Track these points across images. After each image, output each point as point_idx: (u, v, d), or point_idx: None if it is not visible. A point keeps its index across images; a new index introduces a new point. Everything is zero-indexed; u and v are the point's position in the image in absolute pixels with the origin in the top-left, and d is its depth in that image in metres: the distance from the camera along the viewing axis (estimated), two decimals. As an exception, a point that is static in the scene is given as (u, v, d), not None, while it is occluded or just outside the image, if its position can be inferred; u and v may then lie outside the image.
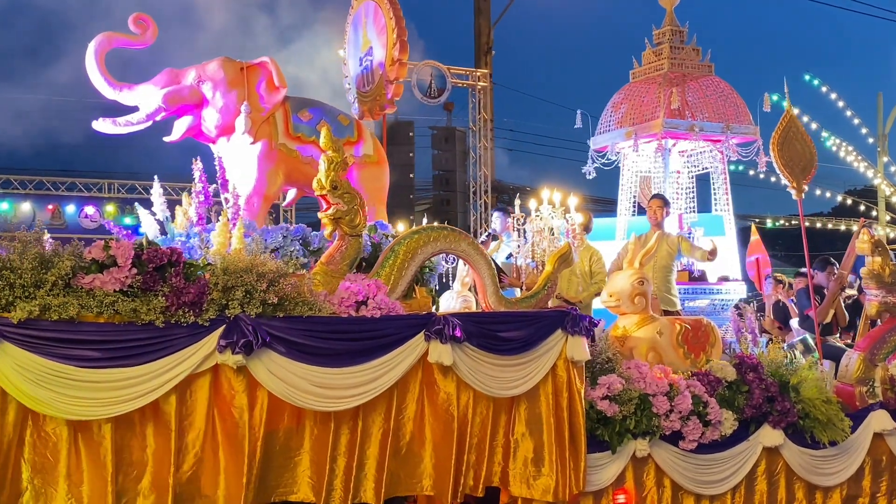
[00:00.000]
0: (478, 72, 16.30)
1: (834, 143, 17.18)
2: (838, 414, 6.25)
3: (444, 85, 15.33)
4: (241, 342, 4.20)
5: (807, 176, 7.84)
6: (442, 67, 15.38)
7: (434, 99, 15.42)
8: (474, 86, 15.79)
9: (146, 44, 6.20)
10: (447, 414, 4.90)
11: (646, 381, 5.59)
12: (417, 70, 15.17)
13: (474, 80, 15.99)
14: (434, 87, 15.35)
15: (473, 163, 16.47)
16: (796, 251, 10.98)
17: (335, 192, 4.92)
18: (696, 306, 8.93)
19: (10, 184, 16.31)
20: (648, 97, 8.63)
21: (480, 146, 16.29)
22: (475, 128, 15.72)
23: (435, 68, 15.32)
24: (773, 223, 24.73)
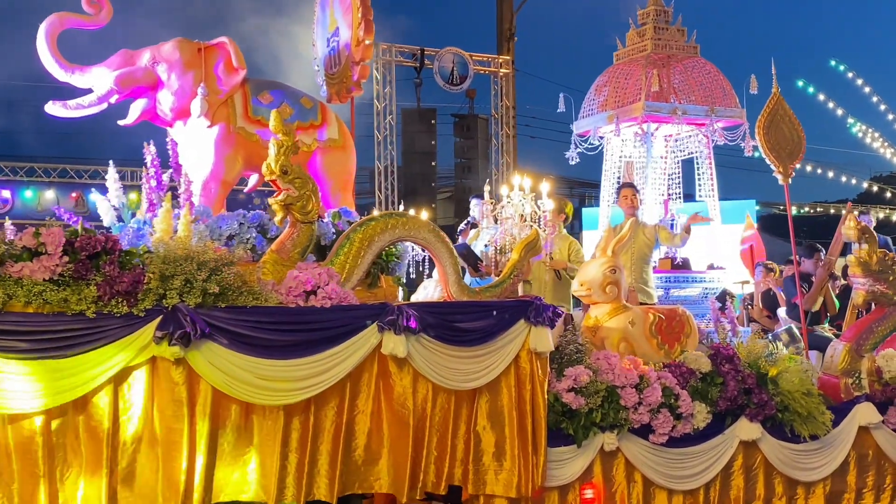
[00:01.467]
0: (500, 58, 16.26)
1: (860, 129, 16.99)
2: (819, 407, 6.12)
3: (466, 72, 15.30)
4: (178, 333, 4.08)
5: (794, 160, 7.70)
6: (464, 54, 15.34)
7: (456, 86, 15.40)
8: (496, 73, 15.66)
9: (100, 24, 6.05)
10: (403, 408, 4.78)
11: (614, 372, 5.47)
12: (440, 57, 15.11)
13: (496, 67, 15.95)
14: (456, 74, 15.45)
15: (496, 150, 16.37)
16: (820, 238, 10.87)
17: (285, 176, 4.80)
18: (684, 295, 8.78)
19: (34, 171, 16.32)
20: (631, 80, 8.46)
21: (503, 133, 16.18)
22: (497, 115, 15.60)
23: (457, 55, 15.30)
24: (798, 210, 24.59)
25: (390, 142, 15.51)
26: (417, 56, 15.32)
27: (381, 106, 15.13)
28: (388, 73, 15.16)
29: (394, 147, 15.71)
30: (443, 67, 15.36)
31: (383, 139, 15.23)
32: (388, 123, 15.31)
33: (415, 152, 16.54)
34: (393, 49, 15.25)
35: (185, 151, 6.29)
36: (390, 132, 15.43)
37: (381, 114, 15.19)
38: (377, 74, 14.98)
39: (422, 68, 15.60)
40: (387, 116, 15.20)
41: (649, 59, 8.58)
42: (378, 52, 15.02)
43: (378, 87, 15.03)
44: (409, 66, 15.59)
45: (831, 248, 7.73)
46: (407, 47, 15.51)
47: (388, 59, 15.10)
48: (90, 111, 6.09)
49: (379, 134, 15.19)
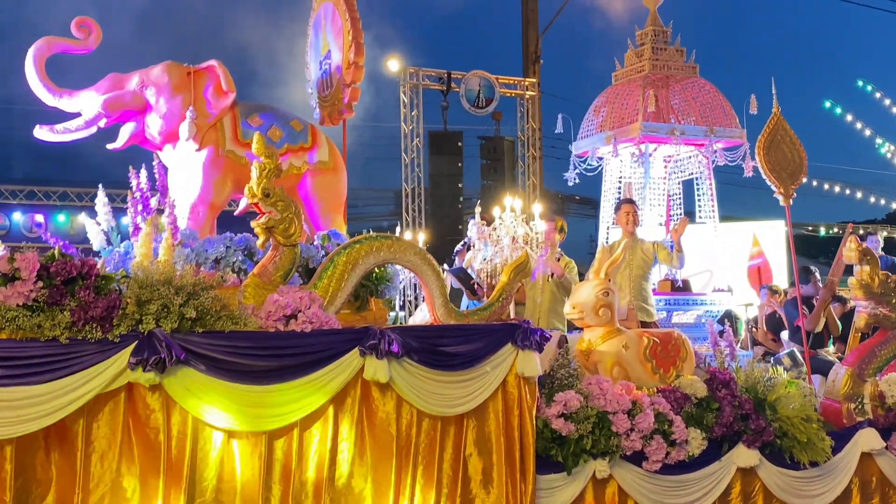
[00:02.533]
0: (526, 81, 16.40)
1: (889, 149, 16.89)
2: (819, 433, 6.02)
3: (492, 95, 15.42)
4: (153, 359, 4.05)
5: (795, 181, 7.63)
6: (490, 77, 15.48)
7: (482, 109, 15.53)
8: (522, 95, 15.78)
9: (89, 49, 6.08)
10: (387, 434, 4.72)
11: (606, 397, 5.40)
12: (466, 80, 15.25)
13: (522, 90, 16.09)
14: (482, 97, 15.57)
15: (522, 172, 16.44)
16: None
17: (267, 199, 4.77)
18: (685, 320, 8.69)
19: (66, 196, 16.44)
20: (629, 100, 8.42)
21: (529, 155, 16.25)
22: (523, 137, 15.68)
23: (483, 78, 15.44)
24: (827, 231, 24.41)
25: (417, 164, 15.69)
26: (444, 79, 15.50)
27: (408, 129, 15.29)
28: (415, 97, 15.33)
29: (421, 169, 15.93)
30: (469, 90, 15.51)
31: (410, 161, 15.36)
32: (415, 146, 15.43)
33: (441, 174, 16.65)
34: (420, 73, 15.43)
35: (174, 175, 6.30)
36: (417, 155, 15.56)
37: (408, 136, 15.35)
38: (404, 98, 15.19)
39: (448, 91, 15.81)
40: (414, 139, 15.35)
41: (647, 79, 8.54)
42: (405, 76, 15.25)
43: (405, 111, 15.22)
44: (435, 89, 15.78)
45: (832, 269, 7.64)
46: (433, 71, 15.69)
47: (414, 83, 15.26)
48: (78, 135, 6.11)
49: (406, 156, 15.36)
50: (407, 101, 15.26)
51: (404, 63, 15.45)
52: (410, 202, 15.22)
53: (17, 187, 16.05)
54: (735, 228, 14.16)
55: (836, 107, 15.93)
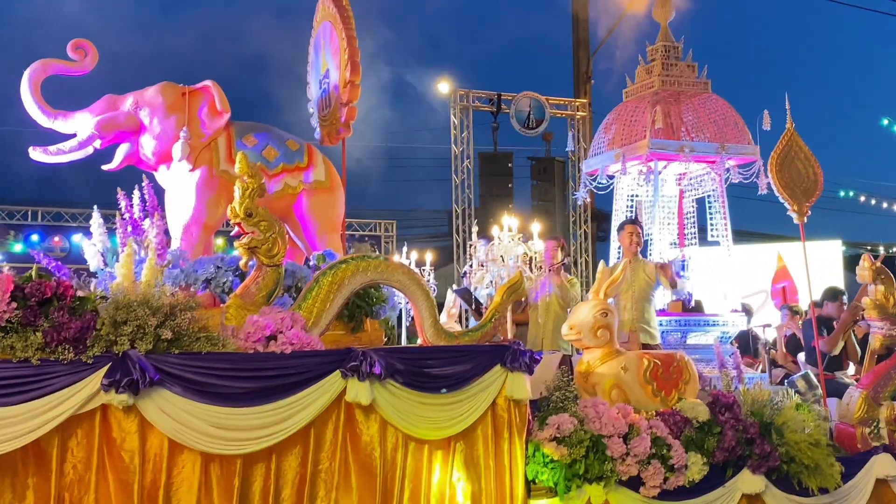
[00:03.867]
0: (577, 101, 16.45)
1: None
2: (828, 458, 5.87)
3: (542, 115, 15.52)
4: (125, 381, 4.04)
5: (810, 198, 7.48)
6: (540, 98, 15.59)
7: (532, 130, 15.62)
8: (573, 115, 15.89)
9: (85, 70, 6.16)
10: (370, 459, 4.68)
11: (601, 421, 5.31)
12: (516, 101, 15.39)
13: (573, 110, 16.14)
14: (532, 118, 15.58)
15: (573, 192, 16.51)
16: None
17: (250, 219, 4.78)
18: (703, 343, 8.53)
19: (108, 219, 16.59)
20: (638, 117, 8.34)
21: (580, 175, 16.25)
22: (574, 157, 15.80)
23: (533, 99, 15.56)
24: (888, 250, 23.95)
25: (467, 185, 15.83)
26: (494, 100, 15.63)
27: (459, 150, 15.46)
28: (466, 118, 15.49)
29: (471, 190, 16.07)
30: (519, 111, 15.60)
31: (461, 183, 15.49)
32: (466, 167, 15.56)
33: (492, 195, 16.76)
34: (470, 94, 15.60)
35: (169, 195, 6.34)
36: (467, 176, 15.68)
37: (459, 158, 15.51)
38: (454, 119, 15.37)
39: (498, 112, 15.89)
40: (464, 160, 15.48)
41: (657, 95, 8.46)
42: (455, 98, 15.45)
43: (455, 132, 15.41)
44: (485, 110, 15.91)
45: (859, 293, 7.46)
46: (484, 92, 15.85)
47: (465, 105, 15.45)
48: (72, 156, 6.17)
49: (456, 178, 15.53)
50: (457, 123, 15.43)
51: (454, 85, 15.64)
52: (461, 223, 15.33)
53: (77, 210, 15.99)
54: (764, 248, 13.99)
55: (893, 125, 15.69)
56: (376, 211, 20.40)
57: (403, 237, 18.74)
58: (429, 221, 26.31)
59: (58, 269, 5.66)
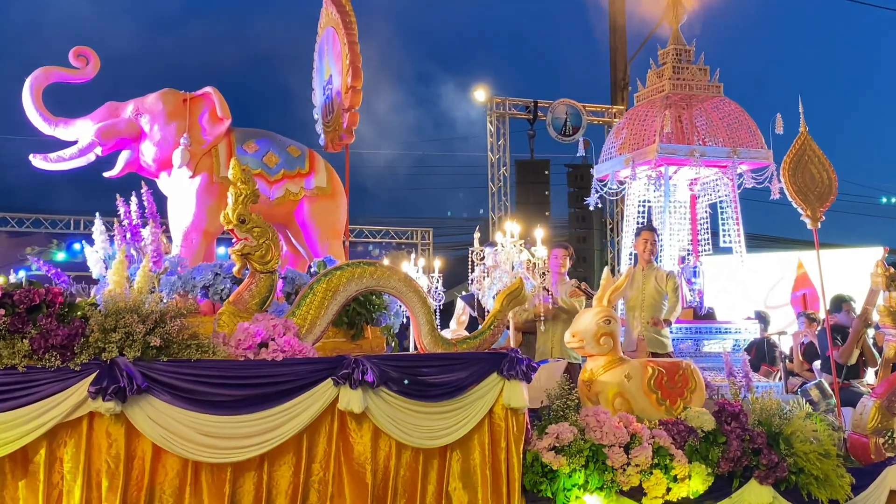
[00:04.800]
0: (613, 108, 16.49)
1: None
2: (837, 469, 5.75)
3: (579, 123, 15.60)
4: (112, 388, 4.04)
5: (824, 203, 7.36)
6: (577, 105, 15.63)
7: (569, 137, 15.67)
8: (610, 122, 15.94)
9: (87, 78, 6.20)
10: (363, 468, 4.64)
11: (602, 430, 5.23)
12: (553, 108, 15.40)
13: (610, 117, 16.18)
14: (569, 125, 15.73)
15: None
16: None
17: (243, 226, 4.77)
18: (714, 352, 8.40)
19: None
20: (648, 121, 8.25)
21: None
22: None
23: (570, 106, 15.61)
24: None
25: (504, 193, 15.83)
26: (531, 108, 15.66)
27: (495, 158, 15.44)
28: (502, 126, 15.49)
29: (508, 198, 16.12)
30: (556, 119, 15.67)
31: (497, 190, 15.46)
32: (502, 175, 15.54)
33: (528, 203, 16.78)
34: (506, 102, 15.61)
35: (171, 202, 6.36)
36: (504, 183, 15.67)
37: (495, 165, 15.50)
38: (491, 127, 15.37)
39: (535, 120, 15.97)
40: (500, 168, 15.46)
41: (668, 99, 8.37)
42: (492, 106, 15.47)
43: (492, 140, 15.42)
44: (522, 118, 15.91)
45: (867, 298, 7.33)
46: (520, 100, 15.87)
47: (501, 112, 15.47)
48: (72, 164, 6.21)
49: (493, 185, 15.52)
50: (493, 131, 15.46)
51: (491, 93, 15.62)
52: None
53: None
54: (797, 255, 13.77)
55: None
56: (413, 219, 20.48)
57: (439, 245, 18.79)
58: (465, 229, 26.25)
59: (57, 277, 5.68)
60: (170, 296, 5.40)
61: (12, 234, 15.32)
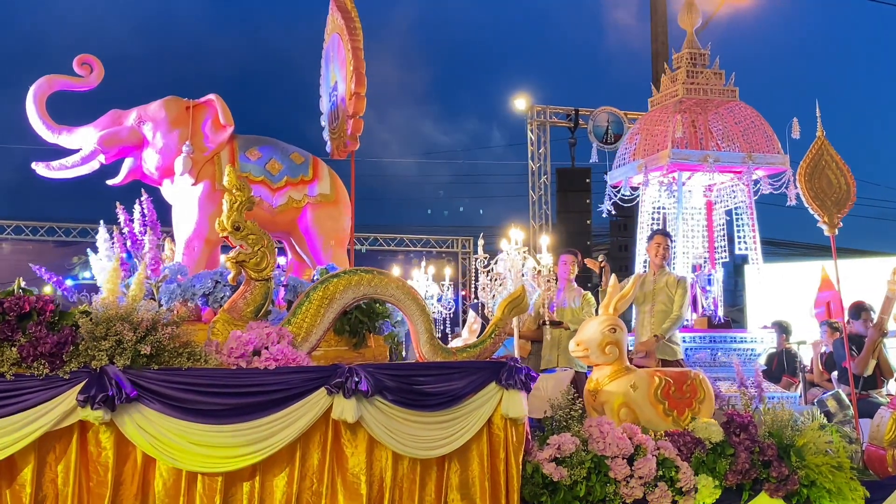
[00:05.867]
0: None
1: None
2: (850, 483, 5.62)
3: (620, 130, 15.69)
4: (100, 397, 4.03)
5: (842, 209, 7.22)
6: (619, 113, 15.64)
7: (610, 145, 15.69)
8: None
9: (91, 86, 6.24)
10: (358, 478, 4.60)
11: (605, 441, 5.15)
12: (594, 116, 15.43)
13: None
14: (610, 133, 15.70)
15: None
16: None
17: (237, 233, 4.76)
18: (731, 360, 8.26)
19: None
20: (661, 127, 8.16)
21: None
22: None
23: (611, 114, 15.62)
24: None
25: (545, 201, 15.79)
26: (572, 116, 15.58)
27: (536, 166, 15.41)
28: (543, 134, 15.45)
29: (549, 206, 16.06)
30: (597, 127, 15.67)
31: (538, 199, 15.43)
32: (543, 183, 15.51)
33: (569, 211, 16.78)
34: (547, 110, 15.59)
35: (175, 210, 6.38)
36: (545, 192, 15.64)
37: (536, 174, 15.49)
38: (532, 135, 15.34)
39: (576, 128, 15.95)
40: (541, 176, 15.42)
41: (681, 104, 8.26)
42: (532, 114, 15.42)
43: (533, 148, 15.39)
44: (563, 126, 15.83)
45: (882, 306, 7.18)
46: (561, 108, 15.84)
47: (542, 121, 15.45)
48: (74, 171, 6.24)
49: (533, 194, 15.52)
50: (534, 139, 15.41)
51: (531, 101, 15.58)
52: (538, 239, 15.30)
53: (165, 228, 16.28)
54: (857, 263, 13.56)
55: None
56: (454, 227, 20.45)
57: (479, 253, 18.64)
58: None
59: (58, 285, 5.71)
60: (169, 304, 5.41)
61: (59, 244, 15.50)
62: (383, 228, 18.01)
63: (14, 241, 15.33)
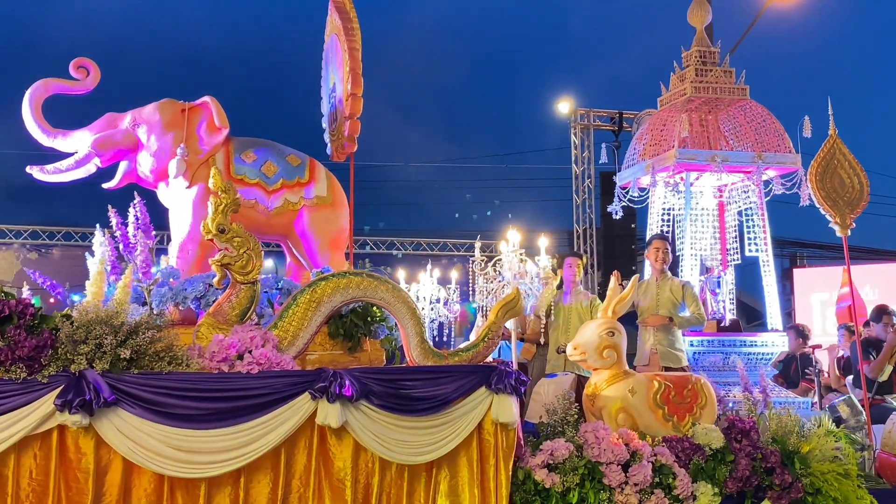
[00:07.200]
0: None
1: None
2: (857, 491, 5.49)
3: None
4: (77, 401, 4.02)
5: (855, 209, 7.08)
6: None
7: None
8: None
9: (87, 89, 6.26)
10: (343, 484, 4.55)
11: (600, 446, 5.06)
12: (638, 119, 15.38)
13: None
14: None
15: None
16: None
17: (222, 235, 4.74)
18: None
19: None
20: (669, 126, 8.04)
21: None
22: None
23: None
24: None
25: (589, 205, 15.75)
26: (616, 119, 15.49)
27: (580, 170, 15.37)
28: (586, 137, 15.40)
29: (592, 210, 16.01)
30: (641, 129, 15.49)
31: (581, 202, 15.38)
32: (587, 187, 15.45)
33: None
34: (591, 113, 15.55)
35: (171, 213, 6.38)
36: (588, 195, 15.59)
37: (580, 177, 15.44)
38: (575, 139, 15.29)
39: (620, 131, 15.86)
40: (585, 180, 15.37)
41: (690, 103, 8.14)
42: (576, 118, 15.41)
43: (576, 152, 15.32)
44: (607, 129, 15.78)
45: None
46: (605, 111, 15.80)
47: (585, 124, 15.39)
48: (69, 175, 6.26)
49: (577, 197, 15.47)
50: (578, 143, 15.34)
51: (575, 104, 15.52)
52: (582, 243, 15.31)
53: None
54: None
55: None
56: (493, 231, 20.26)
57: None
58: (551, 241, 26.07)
59: (52, 288, 5.72)
60: (159, 307, 5.40)
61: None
62: (424, 233, 17.95)
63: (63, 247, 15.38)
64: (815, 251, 21.70)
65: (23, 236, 13.87)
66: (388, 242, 16.89)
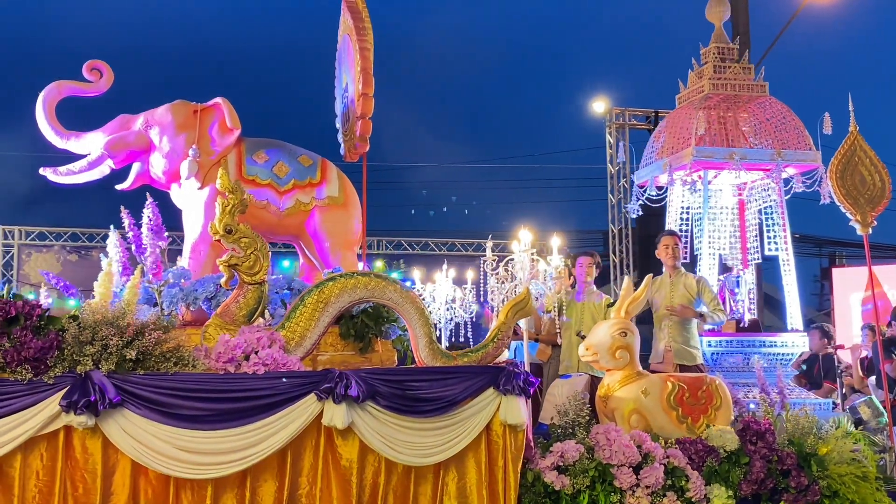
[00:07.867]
0: None
1: None
2: (875, 493, 5.40)
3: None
4: (82, 402, 4.04)
5: (876, 207, 6.97)
6: None
7: None
8: None
9: (100, 91, 6.30)
10: (349, 485, 4.54)
11: (612, 448, 5.01)
12: None
13: None
14: None
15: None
16: None
17: (229, 236, 4.75)
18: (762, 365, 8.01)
19: None
20: (687, 124, 7.95)
21: None
22: None
23: None
24: None
25: (624, 205, 15.76)
26: (651, 118, 15.50)
27: (615, 169, 15.39)
28: (622, 137, 15.42)
29: (627, 210, 15.89)
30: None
31: (616, 202, 15.42)
32: (622, 187, 15.47)
33: (649, 215, 16.64)
34: (626, 113, 15.54)
35: (184, 214, 6.40)
36: (624, 195, 15.61)
37: (615, 177, 15.44)
38: (610, 138, 15.33)
39: None
40: (620, 180, 15.37)
41: (708, 100, 8.05)
42: (611, 117, 15.39)
43: (611, 151, 15.32)
44: (642, 128, 15.77)
45: None
46: (640, 110, 15.78)
47: (620, 123, 15.40)
48: (82, 177, 6.30)
49: (612, 197, 15.48)
50: (613, 142, 15.34)
51: (610, 104, 15.54)
52: (617, 243, 15.27)
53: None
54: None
55: None
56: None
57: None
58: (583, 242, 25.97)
59: (66, 290, 5.76)
60: (170, 308, 5.42)
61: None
62: (462, 234, 17.89)
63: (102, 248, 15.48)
64: (855, 250, 21.31)
65: (63, 238, 14.02)
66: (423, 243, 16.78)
